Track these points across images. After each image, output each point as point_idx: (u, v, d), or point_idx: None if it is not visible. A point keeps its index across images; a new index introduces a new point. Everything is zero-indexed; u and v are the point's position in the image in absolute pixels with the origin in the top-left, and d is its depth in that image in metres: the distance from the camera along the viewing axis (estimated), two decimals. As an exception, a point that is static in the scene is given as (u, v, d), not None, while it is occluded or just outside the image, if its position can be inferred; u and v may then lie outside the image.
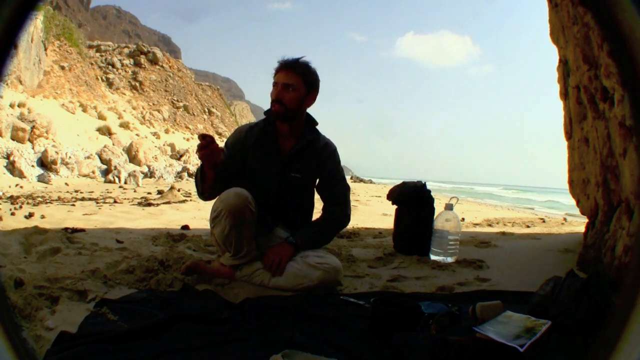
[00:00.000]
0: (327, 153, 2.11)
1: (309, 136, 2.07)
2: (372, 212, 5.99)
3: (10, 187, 6.59)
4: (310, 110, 2.10)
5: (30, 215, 3.63)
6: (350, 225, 4.31)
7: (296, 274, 1.87)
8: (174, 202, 5.62)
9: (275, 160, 2.04)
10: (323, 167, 2.10)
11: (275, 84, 1.98)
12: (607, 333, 0.49)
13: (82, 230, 2.96)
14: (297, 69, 1.97)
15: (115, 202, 5.39)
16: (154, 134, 19.26)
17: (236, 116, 37.44)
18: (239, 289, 1.88)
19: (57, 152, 8.57)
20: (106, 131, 14.03)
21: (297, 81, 1.97)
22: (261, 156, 2.04)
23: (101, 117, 15.98)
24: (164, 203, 5.54)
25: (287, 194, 2.06)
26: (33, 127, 9.06)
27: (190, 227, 3.51)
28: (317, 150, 2.09)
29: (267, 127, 2.06)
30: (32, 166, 7.89)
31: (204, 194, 2.01)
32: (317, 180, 2.14)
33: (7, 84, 11.31)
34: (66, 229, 2.93)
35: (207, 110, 28.65)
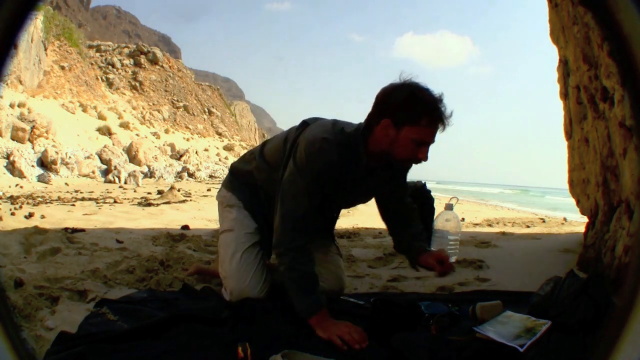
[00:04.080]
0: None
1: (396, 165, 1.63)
2: (372, 212, 5.98)
3: (10, 187, 6.58)
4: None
5: (30, 215, 3.63)
6: (350, 225, 4.32)
7: None
8: (174, 202, 5.62)
9: (362, 185, 1.64)
10: (405, 172, 1.77)
11: (424, 143, 1.45)
12: (607, 333, 0.49)
13: (82, 230, 2.96)
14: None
15: (115, 202, 5.38)
16: (154, 134, 19.26)
17: (236, 116, 37.47)
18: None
19: (57, 152, 8.56)
20: (106, 131, 14.03)
21: None
22: (339, 184, 1.57)
23: (101, 117, 15.97)
24: (164, 203, 5.54)
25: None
26: (33, 127, 9.06)
27: (190, 227, 3.51)
28: (403, 167, 1.71)
29: (358, 149, 1.51)
30: (32, 166, 7.89)
31: None
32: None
33: (7, 84, 11.31)
34: (66, 229, 2.93)
35: (207, 110, 28.67)
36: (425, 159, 1.48)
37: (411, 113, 1.41)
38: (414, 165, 1.65)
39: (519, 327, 1.35)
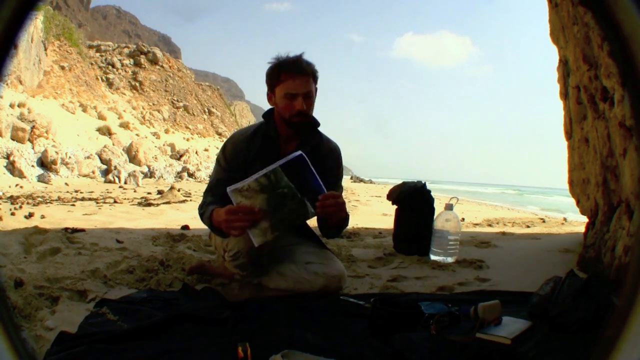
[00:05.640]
0: (332, 160, 1.93)
1: (312, 140, 1.87)
2: (372, 212, 5.99)
3: (10, 187, 6.58)
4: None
5: (30, 215, 3.63)
6: (350, 225, 4.32)
7: (298, 280, 1.81)
8: (174, 202, 5.62)
9: None
10: (329, 173, 1.88)
11: (294, 95, 1.72)
12: (607, 333, 0.49)
13: (82, 230, 2.96)
14: (311, 73, 1.76)
15: (115, 202, 5.39)
16: (154, 134, 19.26)
17: (236, 116, 37.46)
18: (240, 289, 1.88)
19: (57, 152, 8.57)
20: (106, 131, 14.03)
21: (313, 85, 1.78)
22: (264, 165, 1.73)
23: (101, 117, 15.98)
24: (164, 203, 5.54)
25: None
26: (33, 127, 9.06)
27: (190, 227, 3.51)
28: (322, 156, 1.87)
29: (270, 132, 1.84)
30: (32, 166, 7.89)
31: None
32: None
33: (7, 84, 11.31)
34: (66, 229, 2.93)
35: (207, 110, 28.66)
36: (302, 107, 1.72)
37: (273, 76, 1.76)
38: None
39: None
